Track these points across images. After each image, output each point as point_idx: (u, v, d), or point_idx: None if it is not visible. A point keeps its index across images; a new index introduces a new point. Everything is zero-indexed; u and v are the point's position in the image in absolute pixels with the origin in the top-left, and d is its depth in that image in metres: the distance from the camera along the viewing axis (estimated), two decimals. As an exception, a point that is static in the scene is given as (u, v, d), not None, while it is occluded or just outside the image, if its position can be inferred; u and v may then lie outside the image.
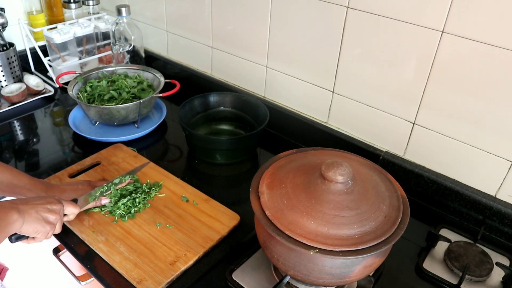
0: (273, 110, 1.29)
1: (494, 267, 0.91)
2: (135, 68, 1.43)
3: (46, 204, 0.82)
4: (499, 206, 0.98)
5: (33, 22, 1.59)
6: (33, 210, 0.79)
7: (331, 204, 0.72)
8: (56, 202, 0.85)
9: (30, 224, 0.78)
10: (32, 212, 0.79)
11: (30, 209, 0.79)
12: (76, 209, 0.89)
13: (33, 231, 0.80)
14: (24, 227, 0.78)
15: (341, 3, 1.05)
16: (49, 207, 0.82)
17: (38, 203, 0.81)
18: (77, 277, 0.92)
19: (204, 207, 1.02)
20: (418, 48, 0.97)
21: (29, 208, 0.79)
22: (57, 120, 1.41)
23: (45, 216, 0.81)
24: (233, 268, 0.88)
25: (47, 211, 0.81)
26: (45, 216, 0.81)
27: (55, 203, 0.84)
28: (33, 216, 0.79)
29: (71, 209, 0.88)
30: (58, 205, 0.84)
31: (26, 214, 0.78)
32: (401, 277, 0.91)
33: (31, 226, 0.79)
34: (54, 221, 0.83)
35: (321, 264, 0.72)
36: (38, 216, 0.80)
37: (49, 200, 0.84)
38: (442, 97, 0.98)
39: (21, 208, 0.78)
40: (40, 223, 0.80)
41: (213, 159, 1.21)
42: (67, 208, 0.87)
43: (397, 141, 1.10)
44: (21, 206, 0.78)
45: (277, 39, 1.23)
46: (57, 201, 0.85)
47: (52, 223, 0.82)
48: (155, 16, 1.58)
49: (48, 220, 0.81)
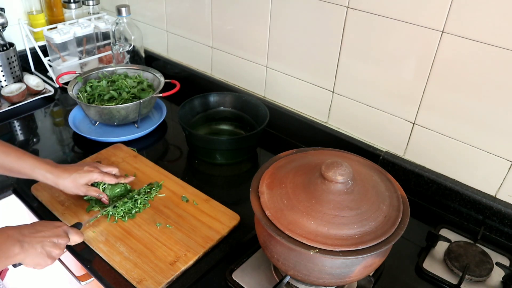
0: (273, 110, 1.29)
1: (494, 267, 0.91)
2: (135, 68, 1.43)
3: (53, 237, 0.81)
4: (499, 206, 0.98)
5: (33, 22, 1.59)
6: (39, 245, 0.78)
7: (331, 204, 0.72)
8: (63, 236, 0.83)
9: (32, 259, 0.78)
10: (37, 247, 0.78)
11: (36, 243, 0.78)
12: (80, 239, 0.88)
13: (33, 264, 0.79)
14: (25, 261, 0.77)
15: (341, 3, 1.05)
16: (55, 241, 0.81)
17: (46, 236, 0.80)
18: (77, 277, 0.92)
19: (204, 207, 1.02)
20: (418, 48, 0.97)
21: (35, 242, 0.78)
22: (57, 120, 1.41)
23: (49, 251, 0.80)
24: (233, 268, 0.88)
25: (52, 246, 0.80)
26: (49, 251, 0.80)
27: (62, 237, 0.83)
28: (37, 251, 0.78)
29: (76, 238, 0.87)
30: (64, 239, 0.83)
31: (31, 248, 0.77)
32: (401, 277, 0.91)
33: (33, 260, 0.78)
34: (56, 256, 0.82)
35: (321, 264, 0.72)
36: (42, 251, 0.79)
37: (57, 233, 0.83)
38: (442, 97, 0.98)
39: (26, 241, 0.77)
40: (43, 258, 0.79)
41: (213, 159, 1.21)
42: (72, 238, 0.86)
43: (397, 141, 1.10)
44: (27, 239, 0.77)
45: (277, 39, 1.23)
46: (64, 234, 0.84)
47: (54, 258, 0.82)
48: (155, 16, 1.58)
49: (51, 255, 0.80)
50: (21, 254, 0.76)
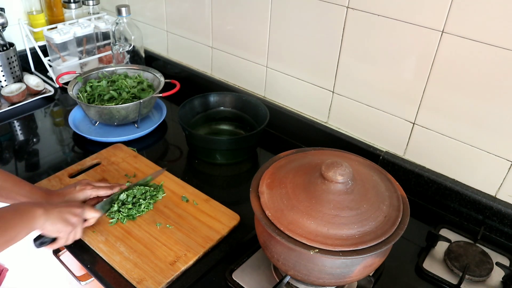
0: (273, 110, 1.29)
1: (494, 267, 0.91)
2: (135, 68, 1.43)
3: (69, 207, 0.87)
4: (499, 206, 0.98)
5: (33, 22, 1.59)
6: (56, 210, 0.84)
7: (331, 204, 0.72)
8: (78, 206, 0.89)
9: (53, 222, 0.83)
10: (55, 212, 0.83)
11: (53, 208, 0.84)
12: (96, 213, 0.93)
13: (55, 229, 0.84)
14: (46, 225, 0.82)
15: (341, 3, 1.05)
16: (71, 210, 0.87)
17: (62, 205, 0.87)
18: (77, 277, 0.92)
19: (204, 207, 1.02)
20: (418, 48, 0.97)
21: (52, 208, 0.84)
22: (57, 120, 1.41)
23: (67, 217, 0.85)
24: (233, 268, 0.88)
25: (69, 213, 0.86)
26: (67, 217, 0.85)
27: (76, 207, 0.89)
28: (56, 215, 0.83)
29: (92, 213, 0.92)
30: (79, 209, 0.89)
31: (50, 212, 0.83)
32: (401, 277, 0.91)
33: (54, 225, 0.83)
34: (75, 222, 0.87)
35: (321, 264, 0.72)
36: (60, 216, 0.84)
37: (71, 204, 0.89)
38: (442, 97, 0.98)
39: (46, 206, 0.83)
40: (62, 222, 0.84)
41: (213, 159, 1.21)
42: (87, 213, 0.91)
43: (397, 141, 1.10)
44: (46, 205, 0.83)
45: (277, 39, 1.23)
46: (78, 205, 0.90)
47: (74, 224, 0.86)
48: (155, 16, 1.58)
49: (70, 221, 0.85)
50: (43, 216, 0.81)
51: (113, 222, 0.97)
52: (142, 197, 1.02)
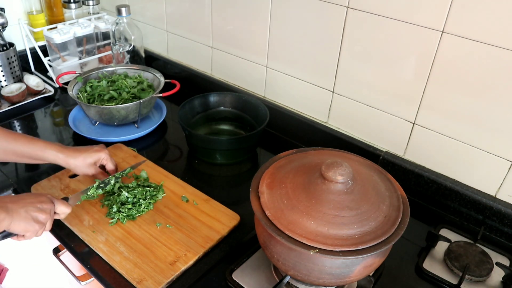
0: (273, 110, 1.29)
1: (494, 267, 0.91)
2: (135, 68, 1.43)
3: (37, 203, 0.82)
4: (499, 206, 0.98)
5: (33, 22, 1.59)
6: (23, 210, 0.79)
7: (331, 204, 0.72)
8: (47, 202, 0.84)
9: (19, 223, 0.78)
10: (21, 212, 0.79)
11: (19, 208, 0.79)
12: (67, 209, 0.89)
13: (21, 229, 0.80)
14: (12, 226, 0.78)
15: (341, 3, 1.05)
16: (39, 206, 0.82)
17: (29, 202, 0.81)
18: (77, 277, 0.92)
19: (204, 207, 1.02)
20: (418, 48, 0.97)
21: (18, 207, 0.79)
22: (57, 120, 1.41)
23: (34, 216, 0.81)
24: (233, 268, 0.88)
25: (37, 211, 0.81)
26: (34, 216, 0.81)
27: (46, 203, 0.84)
28: (22, 215, 0.79)
29: (63, 208, 0.88)
30: (49, 205, 0.84)
31: (15, 213, 0.78)
32: (401, 277, 0.91)
33: (20, 225, 0.79)
34: (43, 220, 0.82)
35: (321, 264, 0.72)
36: (27, 215, 0.80)
37: (40, 199, 0.83)
38: (442, 97, 0.98)
39: (9, 207, 0.78)
40: (29, 222, 0.80)
41: (213, 159, 1.21)
42: (58, 207, 0.87)
43: (397, 141, 1.10)
44: (10, 205, 0.78)
45: (277, 39, 1.23)
46: (48, 200, 0.85)
47: (42, 223, 0.82)
48: (155, 16, 1.58)
49: (37, 219, 0.81)
50: (6, 219, 0.76)
51: (113, 222, 0.97)
52: (142, 197, 1.02)
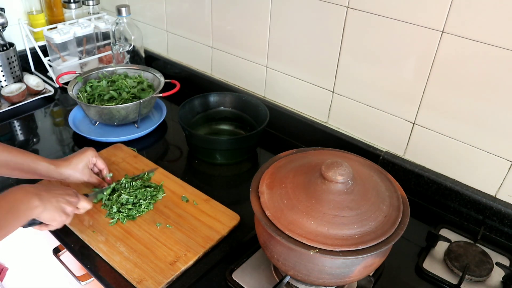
0: (273, 110, 1.29)
1: (494, 267, 0.91)
2: (135, 68, 1.43)
3: (66, 195, 0.87)
4: (499, 206, 0.98)
5: (33, 22, 1.59)
6: (54, 199, 0.84)
7: (331, 204, 0.72)
8: (74, 195, 0.89)
9: (50, 212, 0.82)
10: (53, 201, 0.83)
11: (51, 197, 0.83)
12: (89, 205, 0.92)
13: (50, 218, 0.83)
14: (43, 214, 0.81)
15: (341, 3, 1.05)
16: (68, 199, 0.86)
17: (59, 193, 0.86)
18: (77, 277, 0.92)
19: (204, 207, 1.02)
20: (418, 48, 0.97)
21: (51, 197, 0.83)
22: (57, 120, 1.41)
23: (63, 207, 0.85)
24: (233, 268, 0.88)
25: (66, 203, 0.86)
26: (63, 207, 0.85)
27: (73, 196, 0.88)
28: (53, 204, 0.83)
29: (85, 204, 0.91)
30: (75, 198, 0.89)
31: (47, 202, 0.82)
32: (401, 277, 0.91)
33: (50, 213, 0.82)
34: (70, 212, 0.87)
35: (321, 264, 0.72)
36: (57, 205, 0.84)
37: (68, 192, 0.88)
38: (442, 97, 0.98)
39: (43, 195, 0.82)
40: (58, 212, 0.84)
41: (213, 159, 1.21)
42: (81, 203, 0.90)
43: (397, 141, 1.10)
44: (43, 193, 0.82)
45: (277, 39, 1.23)
46: (75, 194, 0.89)
47: (68, 214, 0.87)
48: (155, 16, 1.58)
49: (65, 210, 0.85)
50: (40, 207, 0.80)
51: (113, 222, 0.97)
52: (143, 197, 1.02)
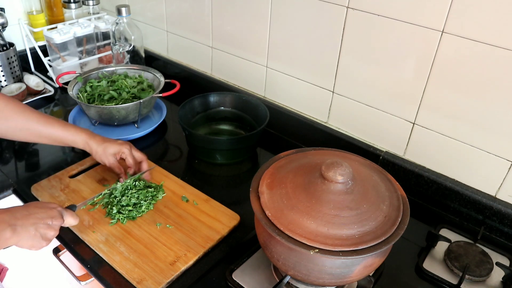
0: (273, 110, 1.29)
1: (494, 267, 0.91)
2: (135, 68, 1.43)
3: (48, 219, 0.80)
4: (499, 206, 0.98)
5: (33, 22, 1.59)
6: (32, 228, 0.78)
7: (331, 204, 0.72)
8: (58, 217, 0.82)
9: (26, 241, 0.77)
10: (30, 230, 0.77)
11: (29, 225, 0.77)
12: (75, 222, 0.87)
13: (28, 246, 0.78)
14: (19, 243, 0.77)
15: (341, 3, 1.05)
16: (49, 223, 0.80)
17: (39, 218, 0.79)
18: (77, 277, 0.92)
19: (204, 207, 1.02)
20: (418, 48, 0.97)
21: (28, 225, 0.77)
22: (57, 120, 1.41)
23: (43, 233, 0.79)
24: (233, 268, 0.88)
25: (47, 228, 0.80)
26: (43, 233, 0.79)
27: (56, 218, 0.82)
28: (31, 233, 0.77)
29: (71, 221, 0.86)
30: (58, 221, 0.82)
31: (24, 231, 0.76)
32: (401, 277, 0.91)
33: (27, 242, 0.78)
34: (51, 237, 0.81)
35: (321, 264, 0.72)
36: (36, 233, 0.78)
37: (51, 214, 0.81)
38: (442, 97, 0.98)
39: (19, 224, 0.76)
40: (37, 239, 0.78)
41: (213, 159, 1.21)
42: (66, 220, 0.85)
43: (397, 141, 1.10)
44: (20, 222, 0.76)
45: (277, 39, 1.23)
46: (59, 215, 0.83)
47: (49, 240, 0.81)
48: (155, 16, 1.58)
49: (46, 236, 0.80)
50: (13, 238, 0.75)
51: (113, 222, 0.97)
52: (144, 198, 1.02)
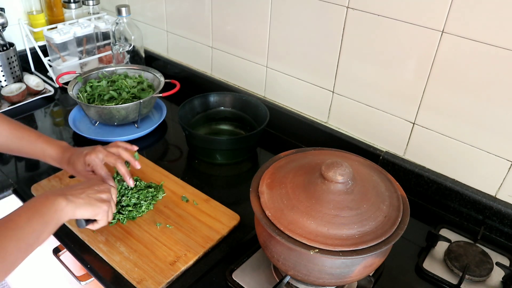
0: (273, 110, 1.29)
1: (494, 267, 0.91)
2: (135, 68, 1.43)
3: (94, 185, 0.84)
4: (499, 206, 0.98)
5: (33, 22, 1.59)
6: (83, 195, 0.80)
7: (331, 204, 0.72)
8: (101, 183, 0.87)
9: (85, 208, 0.80)
10: (83, 196, 0.80)
11: (79, 194, 0.80)
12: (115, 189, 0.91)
13: (91, 214, 0.81)
14: (79, 212, 0.79)
15: (341, 3, 1.05)
16: (97, 188, 0.84)
17: (86, 187, 0.83)
18: (77, 277, 0.92)
19: (204, 207, 1.02)
20: (418, 48, 0.97)
21: (78, 194, 0.80)
22: (57, 120, 1.41)
23: (97, 197, 0.82)
24: (233, 268, 0.88)
25: (97, 192, 0.83)
26: (97, 197, 0.82)
27: (100, 184, 0.86)
28: (85, 200, 0.80)
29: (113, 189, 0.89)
30: (104, 185, 0.86)
31: (77, 200, 0.79)
32: (401, 277, 0.91)
33: (87, 210, 0.80)
34: (107, 198, 0.84)
35: (321, 264, 0.72)
36: (89, 199, 0.81)
37: (94, 182, 0.86)
38: (442, 97, 0.98)
39: (69, 195, 0.78)
40: (95, 204, 0.81)
41: (213, 159, 1.21)
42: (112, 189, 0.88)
43: (397, 141, 1.10)
44: (69, 194, 0.79)
45: (277, 39, 1.23)
46: (101, 181, 0.88)
47: (107, 201, 0.84)
48: (155, 16, 1.58)
49: (101, 198, 0.83)
50: (69, 206, 0.77)
51: (113, 222, 0.97)
52: (144, 199, 1.01)
